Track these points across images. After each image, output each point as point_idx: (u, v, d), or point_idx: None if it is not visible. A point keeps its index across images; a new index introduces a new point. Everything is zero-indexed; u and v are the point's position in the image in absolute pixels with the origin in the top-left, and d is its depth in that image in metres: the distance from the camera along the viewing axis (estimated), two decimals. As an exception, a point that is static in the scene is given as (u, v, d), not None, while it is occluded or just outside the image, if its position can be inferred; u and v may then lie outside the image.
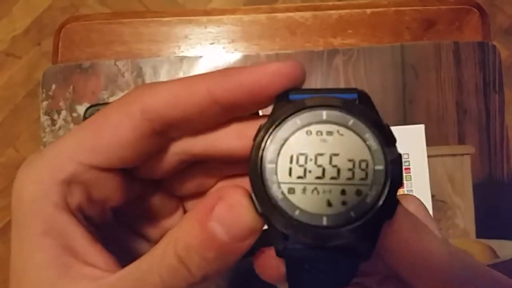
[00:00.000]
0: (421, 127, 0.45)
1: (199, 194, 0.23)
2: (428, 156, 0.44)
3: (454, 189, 0.44)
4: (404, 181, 0.44)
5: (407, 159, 0.44)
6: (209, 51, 0.48)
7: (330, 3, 0.49)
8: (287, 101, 0.17)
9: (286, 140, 0.17)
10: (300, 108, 0.17)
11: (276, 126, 0.17)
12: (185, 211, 0.24)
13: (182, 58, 0.47)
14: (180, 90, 0.18)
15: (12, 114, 1.13)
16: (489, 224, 0.44)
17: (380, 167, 0.16)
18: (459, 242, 0.44)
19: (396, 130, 0.45)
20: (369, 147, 0.16)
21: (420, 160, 0.44)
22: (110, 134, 0.18)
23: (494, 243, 0.44)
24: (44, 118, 0.46)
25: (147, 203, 0.22)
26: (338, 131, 0.16)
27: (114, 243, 0.20)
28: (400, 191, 0.44)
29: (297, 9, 0.48)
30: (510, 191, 0.45)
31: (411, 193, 0.44)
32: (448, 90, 0.46)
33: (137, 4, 1.16)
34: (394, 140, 0.16)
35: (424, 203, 0.47)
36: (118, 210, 0.21)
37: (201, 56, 0.47)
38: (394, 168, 0.16)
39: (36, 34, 1.15)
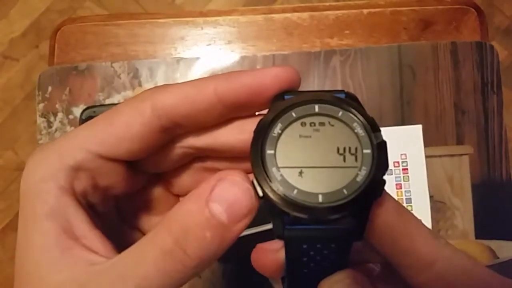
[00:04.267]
0: (419, 127, 0.45)
1: None
2: (426, 157, 0.44)
3: (453, 189, 0.44)
4: (402, 182, 0.44)
5: (405, 160, 0.44)
6: (205, 52, 0.48)
7: (327, 4, 0.48)
8: (283, 100, 0.19)
9: (283, 130, 0.18)
10: (295, 102, 0.19)
11: (274, 118, 0.18)
12: None
13: (179, 60, 0.47)
14: (189, 89, 0.20)
15: (10, 117, 1.13)
16: (488, 224, 0.44)
17: (368, 150, 0.18)
18: (458, 243, 0.43)
19: (393, 130, 0.45)
20: (357, 134, 0.18)
21: (418, 160, 0.44)
22: (121, 128, 0.19)
23: (494, 244, 0.43)
24: (40, 120, 0.46)
25: (147, 196, 0.24)
26: (329, 122, 0.18)
27: (111, 233, 0.21)
28: (398, 193, 0.43)
29: (294, 10, 0.48)
30: (509, 191, 0.45)
31: (409, 195, 0.43)
32: (446, 91, 0.46)
33: (135, 5, 1.15)
34: (378, 128, 0.18)
35: (423, 204, 0.46)
36: (119, 201, 0.22)
37: (198, 58, 0.47)
38: (380, 151, 0.18)
39: (34, 36, 1.15)
